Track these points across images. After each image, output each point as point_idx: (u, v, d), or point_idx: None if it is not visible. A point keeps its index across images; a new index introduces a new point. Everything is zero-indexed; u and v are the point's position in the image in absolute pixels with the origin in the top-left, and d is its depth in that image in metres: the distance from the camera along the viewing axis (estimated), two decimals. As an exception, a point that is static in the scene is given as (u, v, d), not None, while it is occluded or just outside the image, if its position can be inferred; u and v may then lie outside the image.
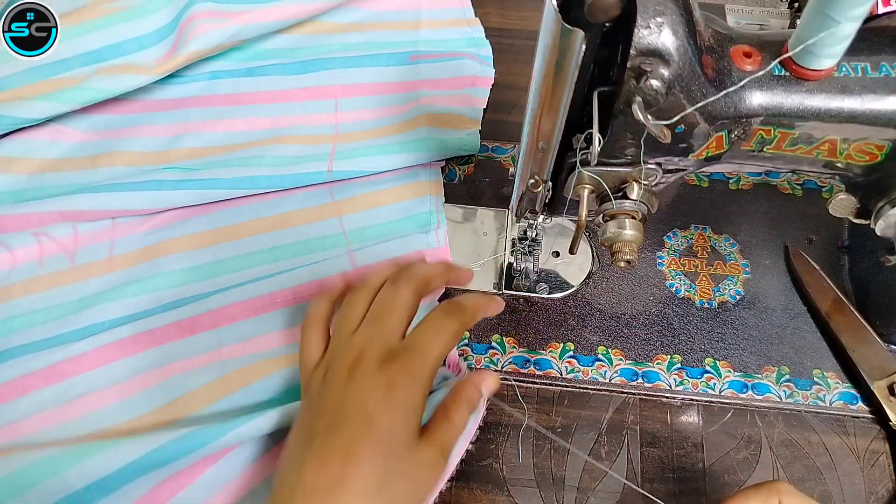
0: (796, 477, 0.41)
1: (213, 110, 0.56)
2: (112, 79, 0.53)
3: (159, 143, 0.54)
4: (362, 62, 0.58)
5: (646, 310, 0.48)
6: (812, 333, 0.46)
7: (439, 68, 0.58)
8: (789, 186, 0.53)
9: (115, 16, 0.54)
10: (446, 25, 0.62)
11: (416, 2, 0.63)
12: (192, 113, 0.55)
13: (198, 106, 0.56)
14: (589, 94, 0.33)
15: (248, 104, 0.56)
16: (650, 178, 0.36)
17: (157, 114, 0.55)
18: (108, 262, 0.47)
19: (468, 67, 0.59)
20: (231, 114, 0.55)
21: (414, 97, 0.56)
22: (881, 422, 0.42)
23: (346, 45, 0.60)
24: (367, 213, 0.50)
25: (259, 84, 0.57)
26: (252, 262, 0.48)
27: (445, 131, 0.54)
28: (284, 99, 0.56)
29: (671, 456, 0.42)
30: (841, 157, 0.35)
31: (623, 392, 0.44)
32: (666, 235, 0.51)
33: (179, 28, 0.56)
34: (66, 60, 0.53)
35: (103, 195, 0.48)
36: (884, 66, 0.33)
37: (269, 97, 0.56)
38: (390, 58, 0.59)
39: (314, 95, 0.57)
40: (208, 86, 0.57)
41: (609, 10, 0.28)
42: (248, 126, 0.55)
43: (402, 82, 0.58)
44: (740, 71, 0.32)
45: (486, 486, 0.41)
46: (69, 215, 0.47)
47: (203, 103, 0.56)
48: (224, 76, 0.57)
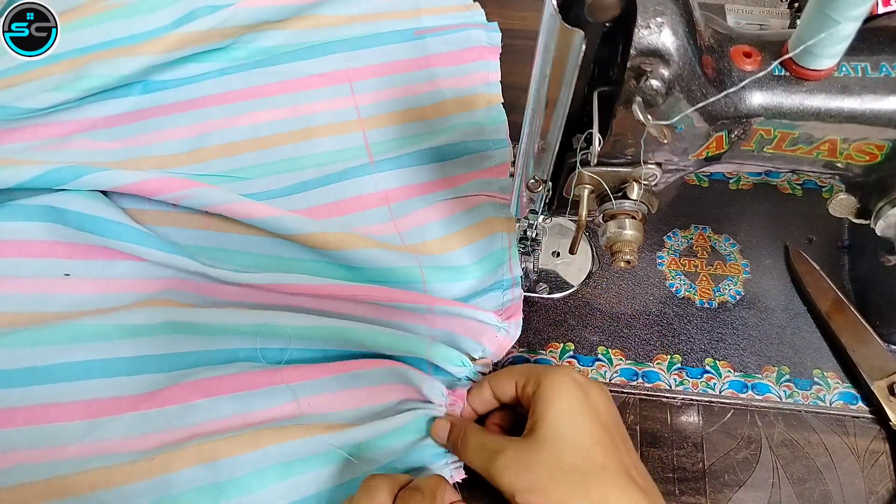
0: (796, 477, 0.41)
1: (232, 107, 0.56)
2: (105, 63, 0.52)
3: (185, 144, 0.54)
4: (368, 42, 0.59)
5: (646, 310, 0.48)
6: (812, 333, 0.46)
7: (446, 41, 0.59)
8: (789, 186, 0.53)
9: (112, 12, 0.54)
10: (446, 11, 0.62)
11: None
12: (212, 111, 0.55)
13: (214, 104, 0.56)
14: (589, 94, 0.33)
15: (263, 97, 0.56)
16: (650, 178, 0.36)
17: (174, 116, 0.55)
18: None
19: (475, 37, 0.59)
20: (250, 108, 0.56)
21: (427, 76, 0.57)
22: (881, 422, 0.42)
23: (350, 37, 0.60)
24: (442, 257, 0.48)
25: (270, 75, 0.57)
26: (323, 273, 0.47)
27: (473, 114, 0.54)
28: (299, 88, 0.57)
29: (671, 456, 0.42)
30: (841, 157, 0.35)
31: (623, 392, 0.44)
32: (666, 235, 0.51)
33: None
34: (61, 55, 0.53)
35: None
36: (884, 66, 0.33)
37: (283, 87, 0.57)
38: (395, 35, 0.59)
39: (327, 81, 0.57)
40: (219, 83, 0.57)
41: (609, 10, 0.28)
42: (270, 117, 0.55)
43: (411, 59, 0.58)
44: (740, 71, 0.32)
45: (486, 486, 0.41)
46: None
47: (219, 101, 0.56)
48: (233, 71, 0.57)
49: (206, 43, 0.57)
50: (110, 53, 0.53)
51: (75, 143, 0.52)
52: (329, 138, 0.54)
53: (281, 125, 0.55)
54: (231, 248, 0.48)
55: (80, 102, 0.53)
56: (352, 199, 0.50)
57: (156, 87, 0.56)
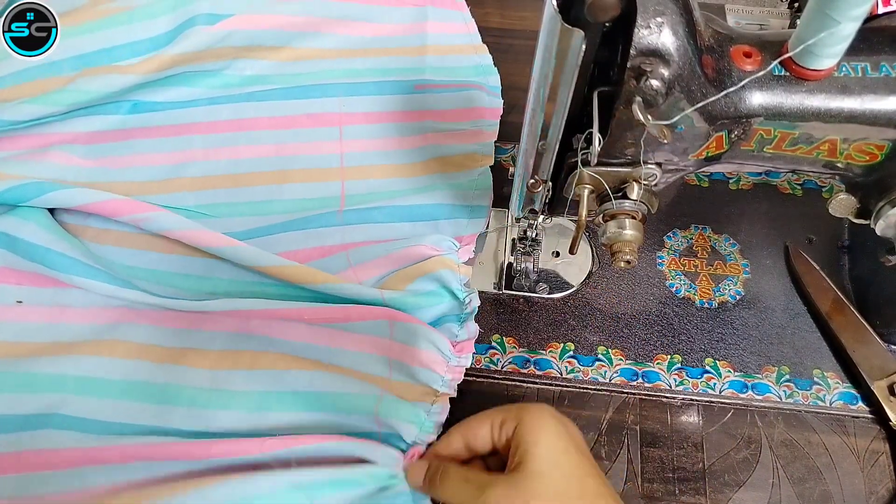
0: (796, 477, 0.41)
1: (216, 137, 0.54)
2: (96, 80, 0.52)
3: (159, 172, 0.52)
4: (367, 89, 0.57)
5: (646, 310, 0.48)
6: (812, 333, 0.46)
7: (446, 98, 0.56)
8: (789, 186, 0.53)
9: (112, 18, 0.54)
10: (453, 52, 0.60)
11: (420, 26, 0.61)
12: (195, 140, 0.54)
13: (199, 132, 0.54)
14: (589, 94, 0.33)
15: (250, 130, 0.54)
16: (650, 178, 0.36)
17: (158, 140, 0.53)
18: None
19: (476, 99, 0.56)
20: (234, 140, 0.54)
21: (420, 128, 0.54)
22: (881, 422, 0.42)
23: (350, 70, 0.58)
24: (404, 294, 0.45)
25: (261, 109, 0.55)
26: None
27: (458, 175, 0.52)
28: (288, 126, 0.55)
29: (671, 456, 0.42)
30: (841, 157, 0.35)
31: (623, 392, 0.44)
32: (666, 235, 0.51)
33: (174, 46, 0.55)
34: (57, 63, 0.52)
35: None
36: (884, 66, 0.33)
37: (272, 123, 0.55)
38: (395, 85, 0.57)
39: (318, 122, 0.55)
40: (208, 111, 0.55)
41: (609, 10, 0.28)
42: (252, 154, 0.53)
43: (407, 111, 0.56)
44: (740, 71, 0.33)
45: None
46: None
47: (205, 129, 0.54)
48: (224, 101, 0.56)
49: (200, 63, 0.56)
50: (103, 70, 0.52)
51: (52, 156, 0.51)
52: (304, 184, 0.52)
53: (261, 163, 0.53)
54: (193, 273, 0.47)
55: (66, 116, 0.52)
56: (314, 248, 0.48)
57: (145, 108, 0.55)
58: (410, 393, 0.41)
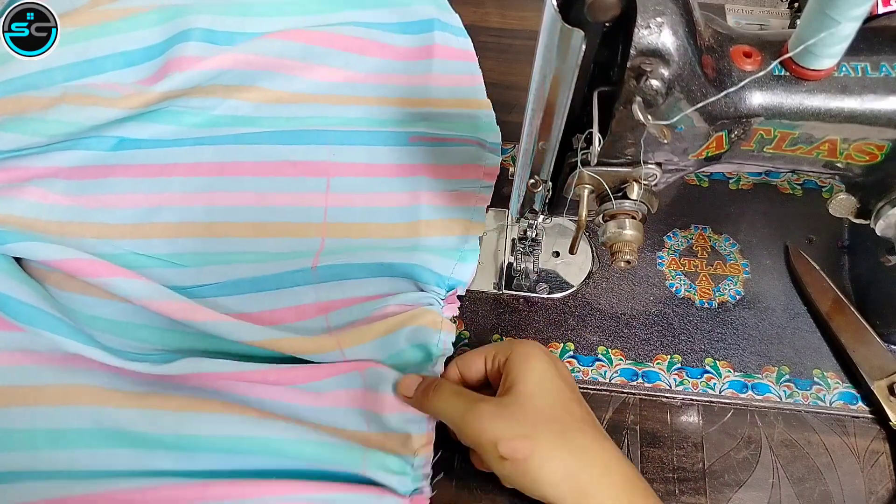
0: (796, 477, 0.41)
1: (196, 181, 0.52)
2: (77, 111, 0.51)
3: (134, 215, 0.50)
4: (359, 138, 0.54)
5: (646, 310, 0.48)
6: (812, 333, 0.46)
7: (443, 153, 0.53)
8: (789, 186, 0.53)
9: (109, 25, 0.53)
10: (453, 105, 0.57)
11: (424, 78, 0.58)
12: (174, 182, 0.52)
13: (180, 174, 0.52)
14: (589, 94, 0.33)
15: (232, 175, 0.52)
16: (650, 178, 0.36)
17: (137, 180, 0.52)
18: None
19: (474, 155, 0.53)
20: (213, 185, 0.52)
21: (411, 184, 0.52)
22: (881, 422, 0.42)
23: (343, 118, 0.56)
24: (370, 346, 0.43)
25: (245, 153, 0.53)
26: None
27: (444, 240, 0.49)
28: (272, 173, 0.52)
29: (671, 456, 0.42)
30: (841, 157, 0.35)
31: (623, 392, 0.44)
32: (666, 235, 0.51)
33: (165, 63, 0.54)
34: (49, 71, 0.52)
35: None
36: (884, 66, 0.33)
37: (256, 169, 0.52)
38: (388, 137, 0.54)
39: (303, 172, 0.52)
40: (191, 152, 0.53)
41: (609, 10, 0.28)
42: (231, 201, 0.51)
43: (399, 165, 0.53)
44: (740, 71, 0.33)
45: (486, 486, 0.41)
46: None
47: (186, 172, 0.52)
48: (208, 142, 0.54)
49: (187, 98, 0.54)
50: (88, 100, 0.51)
51: (29, 192, 0.49)
52: (280, 239, 0.49)
53: (239, 213, 0.50)
54: (159, 326, 0.45)
55: (47, 149, 0.51)
56: (289, 309, 0.46)
57: (128, 146, 0.53)
58: (391, 443, 0.40)
